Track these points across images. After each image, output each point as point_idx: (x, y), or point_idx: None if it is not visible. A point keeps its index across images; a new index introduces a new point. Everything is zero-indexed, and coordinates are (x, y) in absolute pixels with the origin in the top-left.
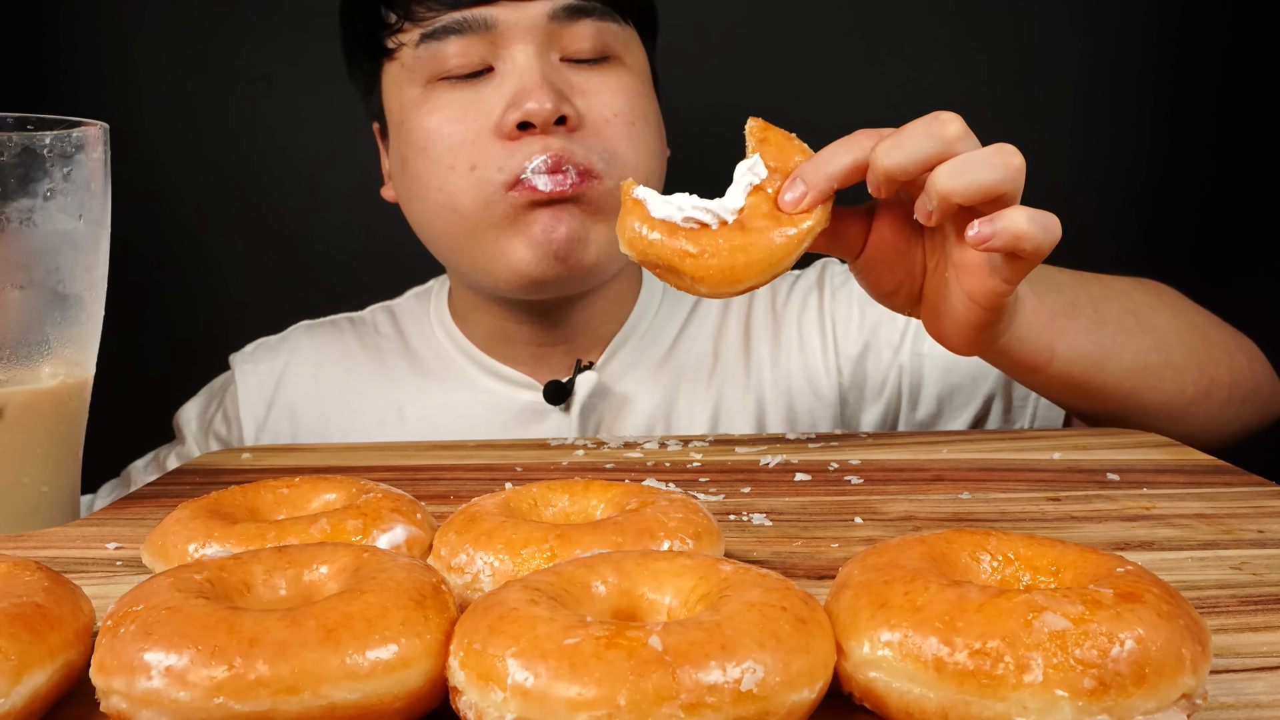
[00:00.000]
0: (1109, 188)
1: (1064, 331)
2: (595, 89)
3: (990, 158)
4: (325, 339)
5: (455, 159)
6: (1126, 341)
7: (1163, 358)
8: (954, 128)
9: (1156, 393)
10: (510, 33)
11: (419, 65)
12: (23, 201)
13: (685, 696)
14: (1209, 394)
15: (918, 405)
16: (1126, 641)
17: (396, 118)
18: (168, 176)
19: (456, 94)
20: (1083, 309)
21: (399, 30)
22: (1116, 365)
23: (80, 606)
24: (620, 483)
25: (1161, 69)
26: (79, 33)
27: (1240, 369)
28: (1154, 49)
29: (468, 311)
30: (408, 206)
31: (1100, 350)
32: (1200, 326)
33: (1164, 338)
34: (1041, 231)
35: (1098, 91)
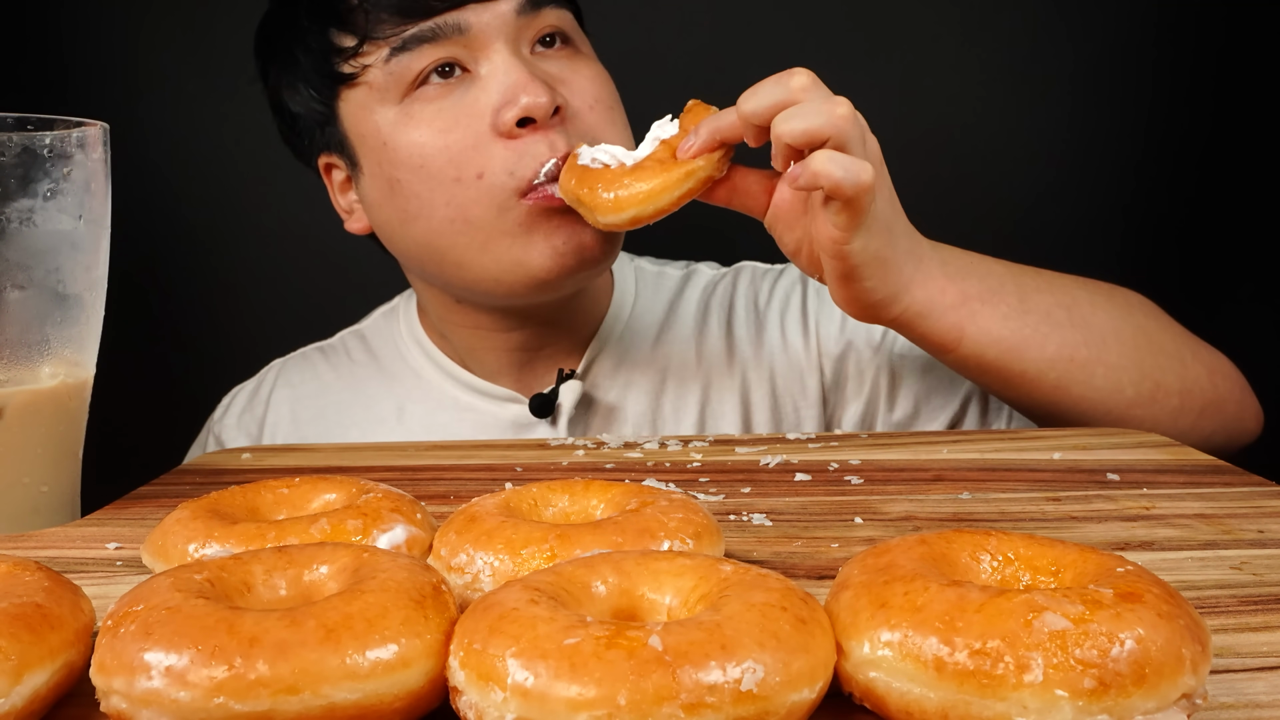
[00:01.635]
0: (1100, 193)
1: (975, 314)
2: (570, 78)
3: (819, 105)
4: (300, 376)
5: (460, 170)
6: (1050, 333)
7: (1094, 354)
8: (799, 79)
9: (1087, 388)
10: (484, 34)
11: (391, 82)
12: (23, 201)
13: (685, 696)
14: (1154, 399)
15: (895, 405)
16: (1126, 641)
17: (374, 142)
18: (168, 176)
19: (440, 103)
20: (1004, 296)
21: (358, 53)
22: (1037, 354)
23: (80, 606)
24: (620, 483)
25: (1159, 71)
26: (79, 33)
27: (1196, 379)
28: (1152, 45)
29: (445, 327)
30: (402, 230)
31: (1017, 337)
32: (1150, 331)
33: (1098, 335)
34: (840, 171)
35: (1093, 94)
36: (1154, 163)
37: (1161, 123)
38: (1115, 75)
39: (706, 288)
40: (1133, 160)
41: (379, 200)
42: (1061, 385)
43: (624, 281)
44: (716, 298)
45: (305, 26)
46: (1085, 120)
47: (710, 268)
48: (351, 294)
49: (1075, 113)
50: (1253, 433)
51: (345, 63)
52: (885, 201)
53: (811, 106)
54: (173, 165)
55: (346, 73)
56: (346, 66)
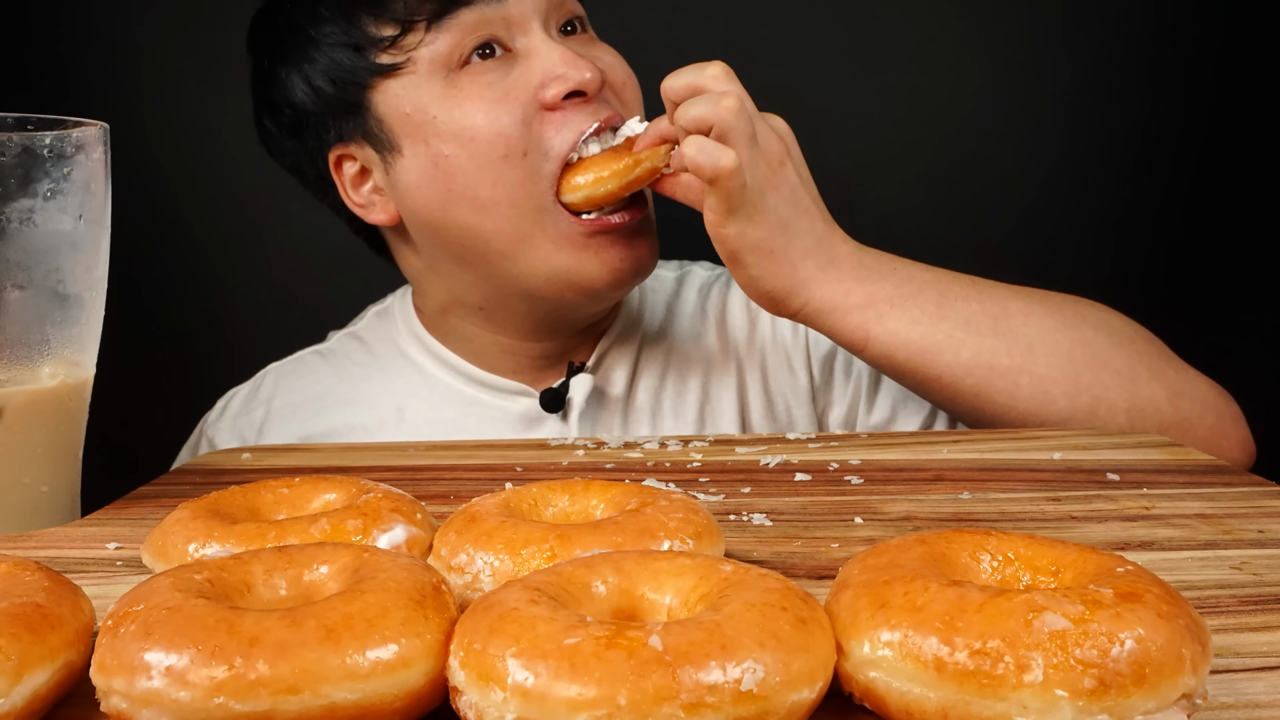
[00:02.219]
0: (1094, 200)
1: (882, 316)
2: (601, 54)
3: (712, 96)
4: (299, 381)
5: (508, 146)
6: (966, 339)
7: (1017, 363)
8: (712, 69)
9: (1011, 397)
10: (519, 10)
11: (436, 59)
12: (23, 201)
13: (685, 696)
14: (1094, 414)
15: (873, 408)
16: (1126, 641)
17: (420, 118)
18: (168, 177)
19: (487, 77)
20: (920, 301)
21: (398, 41)
22: (951, 359)
23: (80, 606)
24: (620, 483)
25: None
26: (79, 33)
27: (1150, 399)
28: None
29: (455, 325)
30: (441, 212)
31: (928, 341)
32: (1096, 347)
33: (1024, 344)
34: (701, 156)
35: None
36: (1148, 171)
37: (1155, 131)
38: (1112, 82)
39: (702, 289)
40: (1126, 168)
41: (419, 181)
42: (982, 393)
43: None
44: (712, 298)
45: (326, 18)
46: (1080, 126)
47: (704, 268)
48: (350, 295)
49: (1071, 119)
50: (1235, 463)
51: (384, 53)
52: (783, 198)
53: (706, 96)
54: (171, 166)
55: (386, 63)
56: (386, 56)
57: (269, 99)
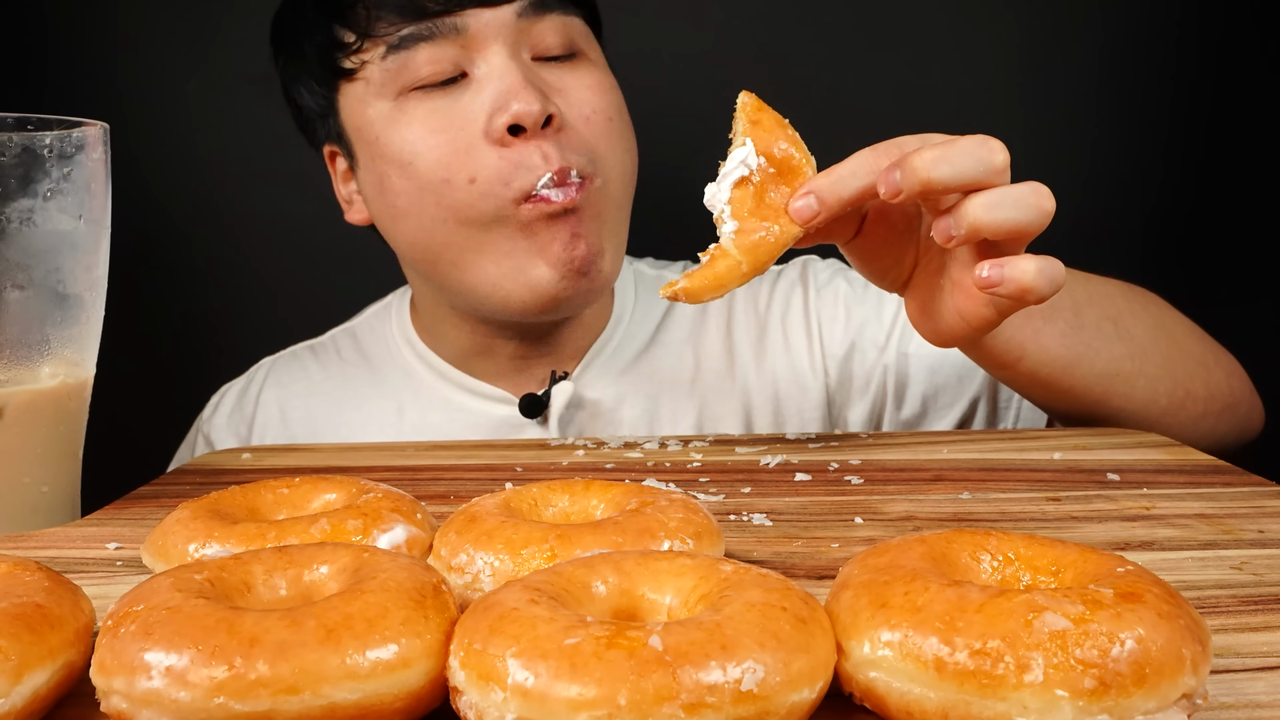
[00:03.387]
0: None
1: (1038, 333)
2: (571, 86)
3: (1026, 197)
4: (290, 376)
5: (449, 172)
6: (1101, 348)
7: (1137, 367)
8: (1001, 158)
9: (1127, 400)
10: (481, 35)
11: (387, 78)
12: (23, 201)
13: (685, 696)
14: (1183, 406)
15: (902, 404)
16: (1127, 641)
17: (367, 136)
18: (168, 176)
19: (433, 103)
20: (1063, 312)
21: (358, 50)
22: (1088, 370)
23: (80, 606)
24: (620, 483)
25: (1164, 71)
26: (79, 32)
27: (1218, 384)
28: (1158, 46)
29: (440, 328)
30: (394, 226)
31: (1072, 355)
32: (1180, 339)
33: (1141, 347)
34: (1047, 284)
35: (1099, 94)
36: (1158, 163)
37: (1166, 123)
38: (1123, 75)
39: None
40: (1137, 161)
41: (372, 195)
42: (1105, 399)
43: (624, 287)
44: (715, 302)
45: (311, 20)
46: (1089, 121)
47: None
48: (347, 291)
49: (1080, 114)
50: (1258, 430)
51: (345, 58)
52: None
53: (1018, 197)
54: (173, 165)
55: (346, 68)
56: (346, 62)
57: (285, 92)
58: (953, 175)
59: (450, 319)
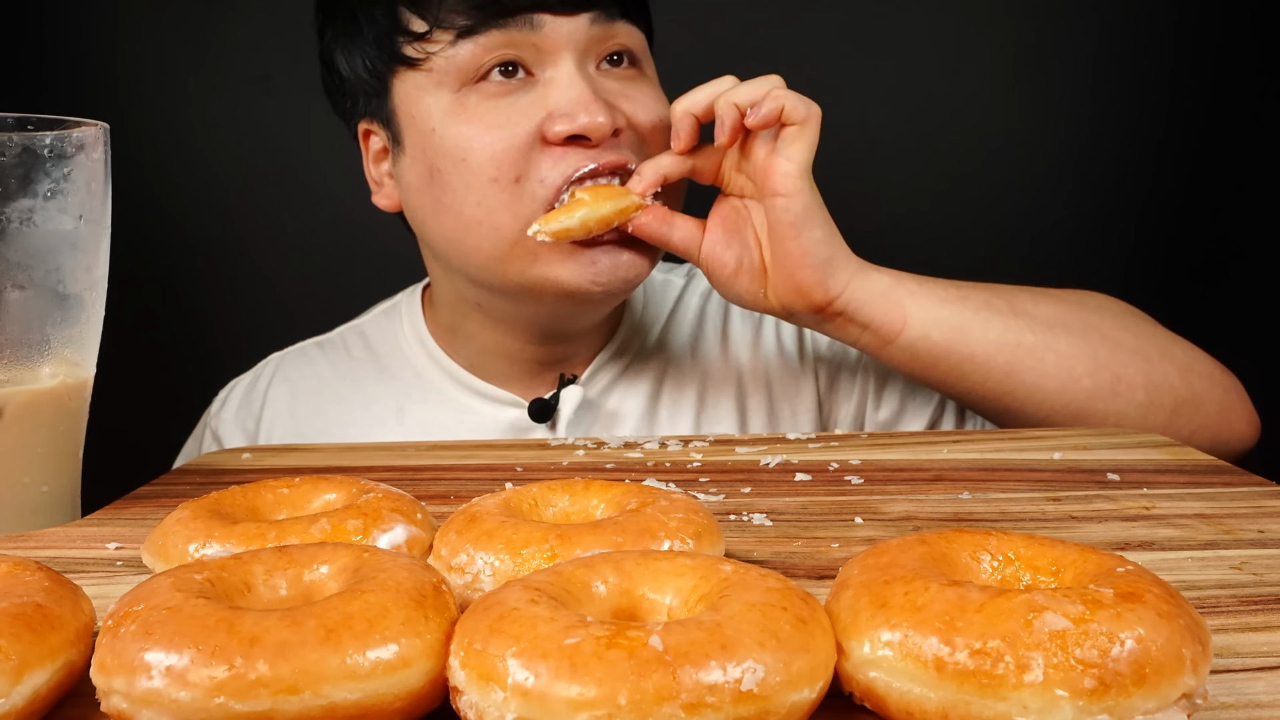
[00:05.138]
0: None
1: (914, 294)
2: (635, 95)
3: (759, 83)
4: (298, 372)
5: (499, 170)
6: (991, 317)
7: (1041, 340)
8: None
9: (1040, 375)
10: (553, 39)
11: (452, 70)
12: (23, 201)
13: (685, 696)
14: (1115, 392)
15: (881, 404)
16: (1127, 641)
17: (422, 126)
18: (168, 177)
19: (495, 101)
20: (941, 287)
21: (423, 39)
22: (981, 335)
23: (81, 606)
24: (620, 483)
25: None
26: (79, 33)
27: (1164, 376)
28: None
29: (463, 324)
30: (432, 219)
31: (959, 318)
32: (1103, 327)
33: (1043, 323)
34: (801, 103)
35: (1092, 98)
36: (1151, 161)
37: (1162, 122)
38: (1119, 75)
39: (704, 293)
40: (1131, 160)
41: (416, 185)
42: (1013, 371)
43: (634, 293)
44: (712, 304)
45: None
46: (1083, 120)
47: None
48: (347, 291)
49: (1074, 113)
50: (1244, 436)
51: (410, 45)
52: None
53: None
54: (173, 165)
55: (409, 55)
56: (410, 50)
57: (322, 57)
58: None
59: (475, 315)
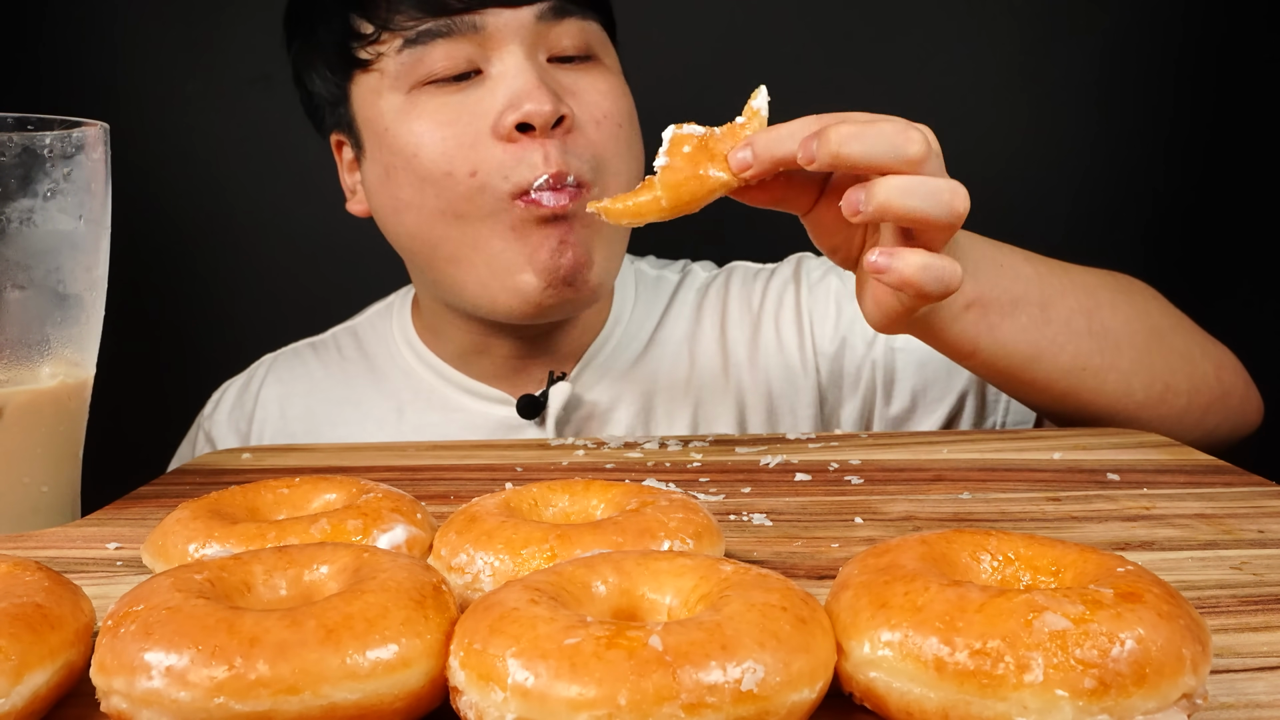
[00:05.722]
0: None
1: (994, 328)
2: (584, 89)
3: (940, 192)
4: (290, 373)
5: (452, 165)
6: (1066, 343)
7: (1107, 361)
8: (916, 149)
9: (1097, 394)
10: (499, 35)
11: (402, 72)
12: (23, 201)
13: (686, 696)
14: (1163, 400)
15: (891, 400)
16: (1127, 641)
17: (376, 127)
18: (168, 177)
19: (445, 99)
20: (1027, 306)
21: (375, 40)
22: (1050, 365)
23: (80, 606)
24: (620, 483)
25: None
26: (79, 33)
27: (1204, 376)
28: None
29: (440, 326)
30: (393, 219)
31: (1033, 349)
32: (1163, 331)
33: (1114, 341)
34: (934, 283)
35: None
36: (1159, 159)
37: (1168, 119)
38: (1124, 73)
39: (700, 290)
40: (1138, 158)
41: (376, 186)
42: (1072, 392)
43: (624, 287)
44: (709, 300)
45: (329, 8)
46: (1090, 118)
47: (703, 268)
48: (347, 291)
49: (1081, 110)
50: (1254, 424)
51: (362, 49)
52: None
53: (932, 190)
54: (172, 166)
55: (362, 58)
56: (362, 52)
57: (294, 76)
58: (863, 153)
59: (448, 317)
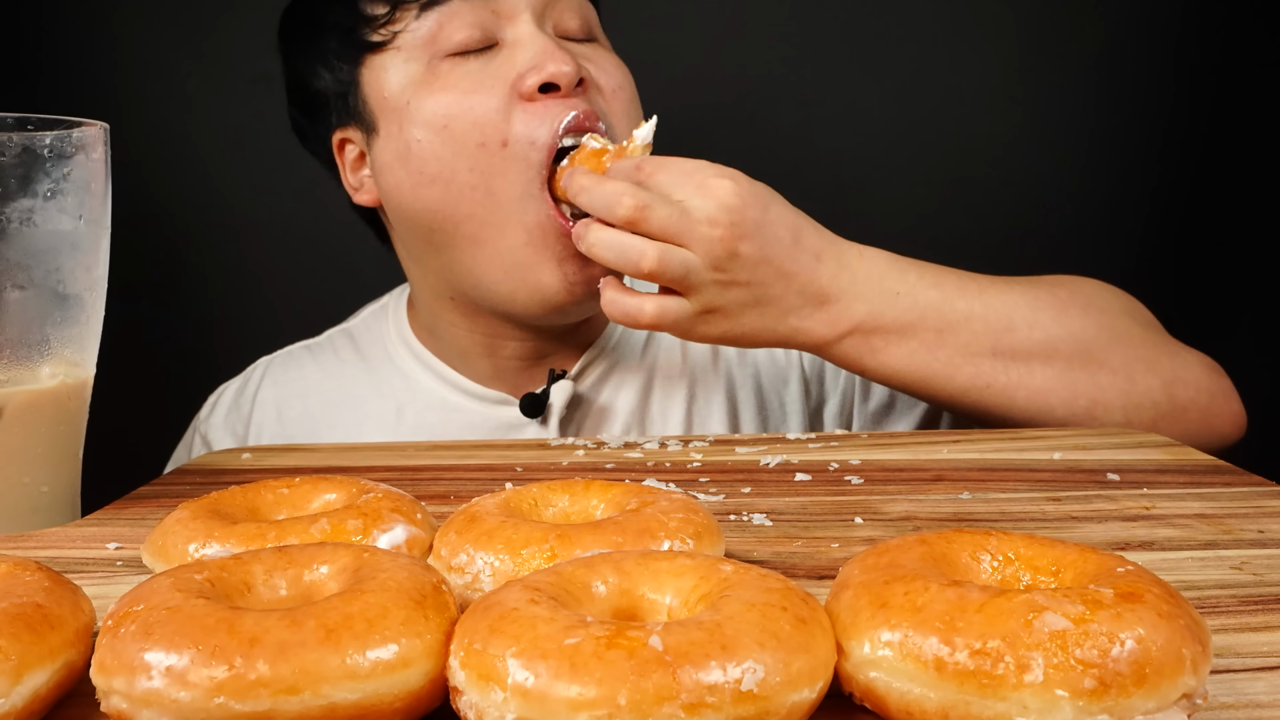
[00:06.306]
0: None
1: (877, 351)
2: (596, 58)
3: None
4: (286, 375)
5: (484, 135)
6: (963, 364)
7: (1014, 379)
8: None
9: (1008, 409)
10: (511, 4)
11: (420, 44)
12: (23, 201)
13: (686, 696)
14: (1091, 415)
15: (870, 394)
16: (1127, 641)
17: (396, 103)
18: (168, 177)
19: (466, 66)
20: (920, 332)
21: (389, 21)
22: (945, 385)
23: (81, 606)
24: (620, 483)
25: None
26: (79, 33)
27: (1145, 393)
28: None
29: (439, 326)
30: (412, 196)
31: (923, 372)
32: (1094, 349)
33: (1022, 360)
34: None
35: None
36: (1154, 164)
37: (1163, 124)
38: (1121, 77)
39: None
40: (1133, 162)
41: (392, 165)
42: (979, 407)
43: None
44: None
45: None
46: (1085, 123)
47: None
48: (346, 292)
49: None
50: (1227, 436)
51: (375, 31)
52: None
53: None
54: (173, 166)
55: (375, 40)
56: (376, 34)
57: (291, 87)
58: (588, 205)
59: (449, 316)
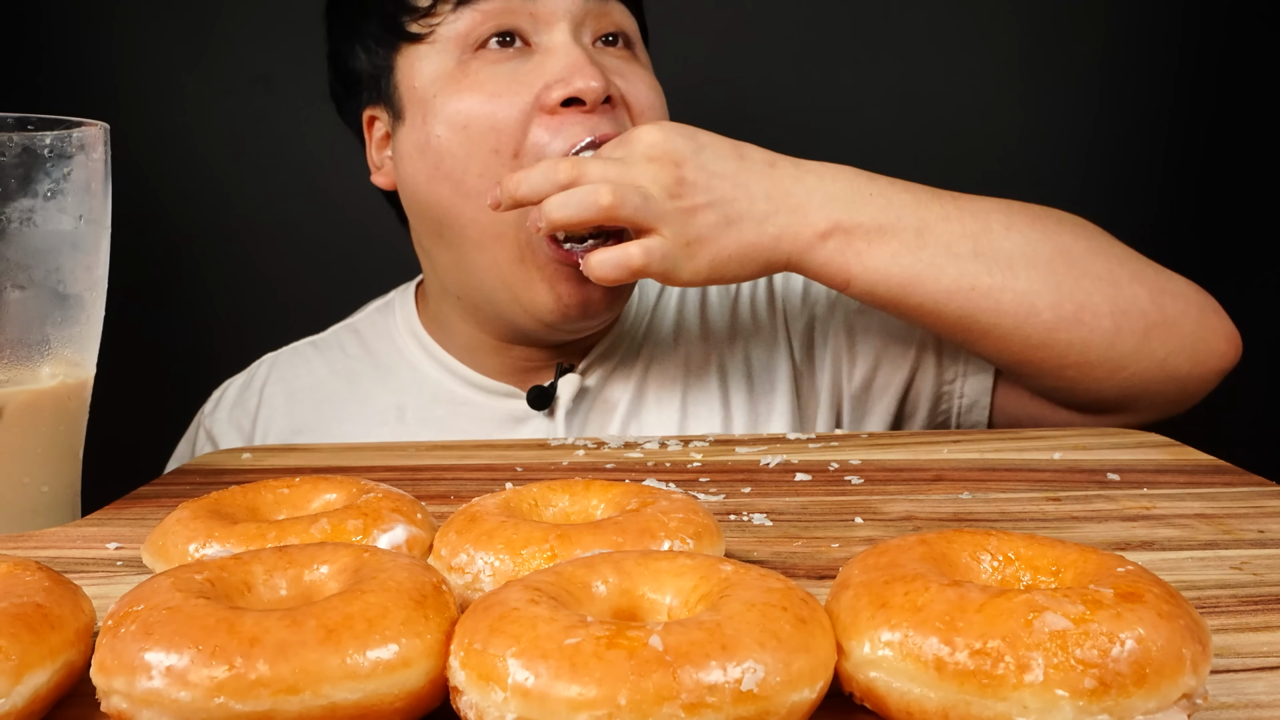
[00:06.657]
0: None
1: (861, 254)
2: (630, 74)
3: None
4: (292, 371)
5: (500, 141)
6: (946, 265)
7: (999, 280)
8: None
9: (996, 314)
10: (549, 8)
11: (453, 37)
12: (23, 201)
13: (686, 696)
14: (1079, 320)
15: (856, 362)
16: (1127, 641)
17: (424, 94)
18: (168, 177)
19: (495, 68)
20: (899, 232)
21: (429, 13)
22: (932, 287)
23: (81, 606)
24: (620, 483)
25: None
26: (78, 33)
27: (1133, 299)
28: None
29: (448, 319)
30: (429, 185)
31: (908, 273)
32: (1075, 254)
33: (1005, 261)
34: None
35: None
36: (1159, 164)
37: (1165, 124)
38: (1124, 77)
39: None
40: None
41: (412, 155)
42: (966, 314)
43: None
44: (692, 288)
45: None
46: (1088, 122)
47: None
48: (347, 290)
49: (1081, 114)
50: (1224, 355)
51: (415, 21)
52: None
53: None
54: (173, 165)
55: (415, 32)
56: (416, 25)
57: (332, 60)
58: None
59: (457, 310)
